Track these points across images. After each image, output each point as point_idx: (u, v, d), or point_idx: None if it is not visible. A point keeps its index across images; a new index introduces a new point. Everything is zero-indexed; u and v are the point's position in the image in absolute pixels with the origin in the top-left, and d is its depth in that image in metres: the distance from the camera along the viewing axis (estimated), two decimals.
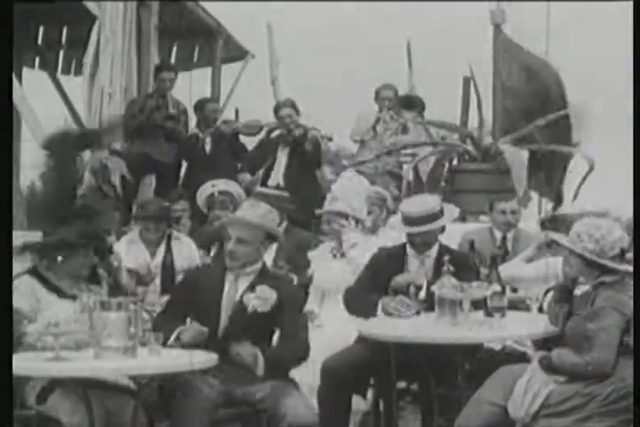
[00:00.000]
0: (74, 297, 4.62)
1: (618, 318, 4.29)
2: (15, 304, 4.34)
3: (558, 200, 8.56)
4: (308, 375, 5.20)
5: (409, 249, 5.43)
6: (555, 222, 6.49)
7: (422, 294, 5.16)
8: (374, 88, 9.44)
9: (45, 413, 4.34)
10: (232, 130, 9.14)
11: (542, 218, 7.06)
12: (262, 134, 9.03)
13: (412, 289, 5.18)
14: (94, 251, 4.77)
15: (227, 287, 4.74)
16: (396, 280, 5.24)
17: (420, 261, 5.38)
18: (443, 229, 5.46)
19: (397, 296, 5.18)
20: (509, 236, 6.78)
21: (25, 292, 4.51)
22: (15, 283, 4.52)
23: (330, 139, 8.89)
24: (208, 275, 4.88)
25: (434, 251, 5.39)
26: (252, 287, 4.71)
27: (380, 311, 5.15)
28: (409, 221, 5.39)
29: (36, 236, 4.90)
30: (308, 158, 8.46)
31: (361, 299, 5.32)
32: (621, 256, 4.46)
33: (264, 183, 8.41)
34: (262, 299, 4.66)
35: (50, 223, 4.80)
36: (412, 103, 9.31)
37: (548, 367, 4.36)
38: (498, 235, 6.79)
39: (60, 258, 4.63)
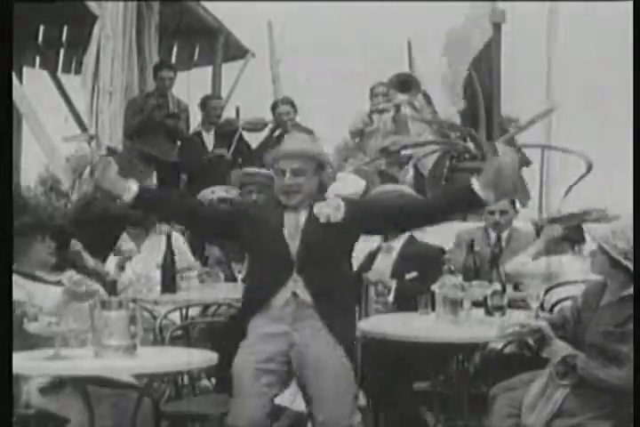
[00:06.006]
0: (58, 282, 4.61)
1: None
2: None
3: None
4: None
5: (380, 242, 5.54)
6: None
7: (391, 296, 5.17)
8: None
9: (51, 411, 4.30)
10: (235, 127, 9.15)
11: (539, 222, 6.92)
12: (266, 132, 9.05)
13: (380, 288, 5.17)
14: (52, 236, 4.74)
15: (286, 221, 4.31)
16: (366, 277, 5.27)
17: (386, 249, 5.42)
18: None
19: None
20: (504, 235, 6.79)
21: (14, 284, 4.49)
22: None
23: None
24: (261, 211, 4.42)
25: (399, 242, 5.48)
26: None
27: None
28: None
29: None
30: None
31: None
32: None
33: None
34: (334, 207, 4.28)
35: None
36: (407, 84, 8.88)
37: (572, 368, 4.11)
38: (492, 235, 6.80)
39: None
